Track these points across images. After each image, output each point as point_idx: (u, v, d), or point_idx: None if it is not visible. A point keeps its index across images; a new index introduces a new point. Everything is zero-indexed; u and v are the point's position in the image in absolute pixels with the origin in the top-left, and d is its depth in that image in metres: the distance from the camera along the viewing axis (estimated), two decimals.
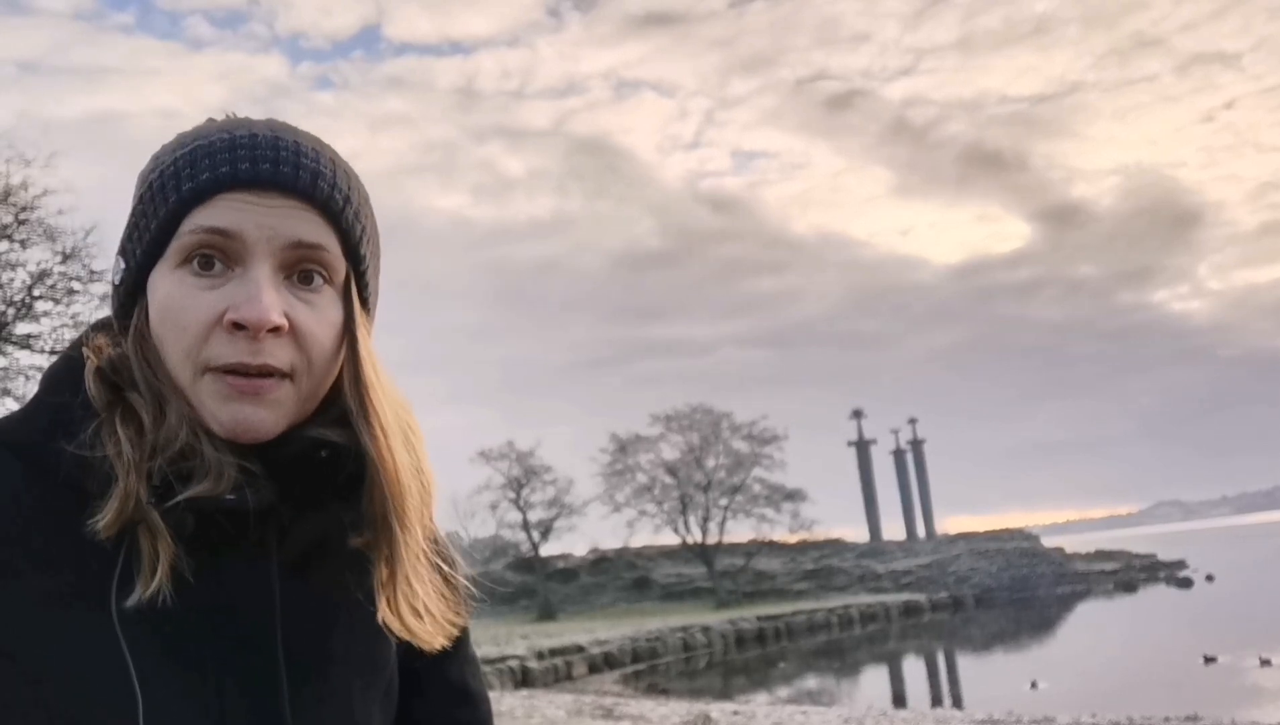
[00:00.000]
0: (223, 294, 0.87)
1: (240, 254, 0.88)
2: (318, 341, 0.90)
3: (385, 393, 0.94)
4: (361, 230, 0.94)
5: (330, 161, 0.93)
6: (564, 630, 36.60)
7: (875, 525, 66.56)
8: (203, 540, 0.86)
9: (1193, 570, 56.00)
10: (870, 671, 28.58)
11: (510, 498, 50.89)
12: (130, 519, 0.84)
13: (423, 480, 0.96)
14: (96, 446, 0.86)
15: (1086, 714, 13.71)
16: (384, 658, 0.99)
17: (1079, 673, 21.20)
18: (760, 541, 53.02)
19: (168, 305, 0.88)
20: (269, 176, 0.88)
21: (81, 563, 0.85)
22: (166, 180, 0.90)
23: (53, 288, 21.60)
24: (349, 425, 0.92)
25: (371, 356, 0.94)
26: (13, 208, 20.97)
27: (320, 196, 0.90)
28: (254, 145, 0.89)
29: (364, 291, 0.96)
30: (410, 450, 0.95)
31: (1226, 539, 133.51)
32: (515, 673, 25.43)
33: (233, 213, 0.87)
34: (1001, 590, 50.89)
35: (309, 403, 0.92)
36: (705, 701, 18.80)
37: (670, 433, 52.47)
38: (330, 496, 0.92)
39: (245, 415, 0.87)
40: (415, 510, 0.94)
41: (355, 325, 0.93)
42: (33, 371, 21.87)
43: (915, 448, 71.25)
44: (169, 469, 0.85)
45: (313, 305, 0.90)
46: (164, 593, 0.83)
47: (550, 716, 15.79)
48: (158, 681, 0.84)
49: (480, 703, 1.11)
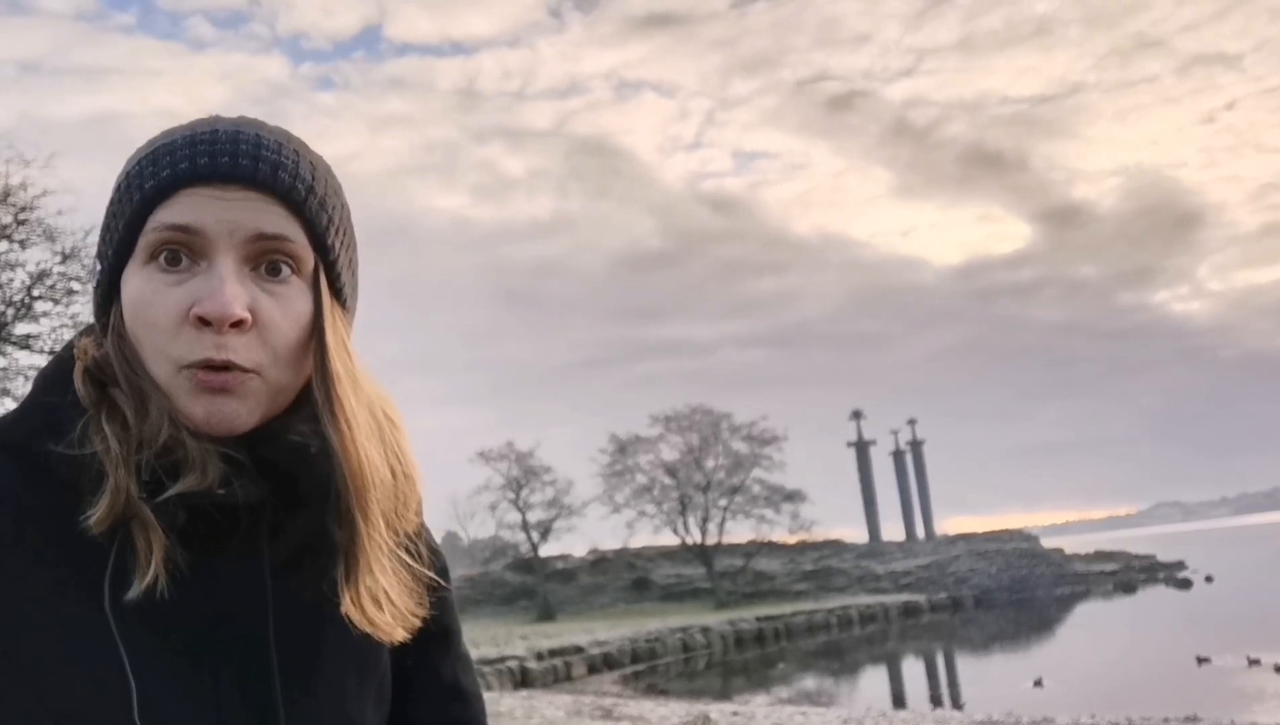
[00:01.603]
0: (188, 289, 0.88)
1: (204, 248, 0.88)
2: (282, 334, 0.90)
3: (354, 384, 0.94)
4: (328, 220, 0.93)
5: (294, 153, 0.93)
6: (563, 631, 36.61)
7: (875, 526, 66.61)
8: (194, 535, 0.87)
9: (1192, 571, 56.11)
10: (869, 672, 28.58)
11: (510, 498, 51.00)
12: (122, 515, 0.85)
13: (403, 472, 0.96)
14: (85, 444, 0.87)
15: (1086, 714, 13.72)
16: (377, 655, 0.99)
17: (1079, 673, 21.19)
18: (760, 542, 53.04)
19: (138, 302, 0.89)
20: (228, 170, 0.89)
21: (76, 559, 0.86)
22: (132, 180, 0.91)
23: (52, 288, 21.59)
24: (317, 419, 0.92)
25: (341, 347, 0.94)
26: (12, 208, 20.95)
27: (281, 187, 0.90)
28: (214, 140, 0.90)
29: (335, 282, 0.95)
30: (382, 442, 0.95)
31: (1226, 540, 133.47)
32: (514, 673, 25.43)
33: (194, 208, 0.88)
34: (1001, 591, 50.91)
35: (282, 395, 0.92)
36: (705, 702, 18.80)
37: (670, 433, 52.59)
38: (318, 494, 0.92)
39: (217, 407, 0.88)
40: (380, 502, 0.93)
41: (323, 317, 0.92)
42: (32, 372, 21.87)
43: (915, 448, 71.28)
44: (156, 463, 0.86)
45: (279, 297, 0.90)
46: (160, 586, 0.84)
47: (549, 717, 15.79)
48: (152, 675, 0.85)
49: (473, 700, 1.11)
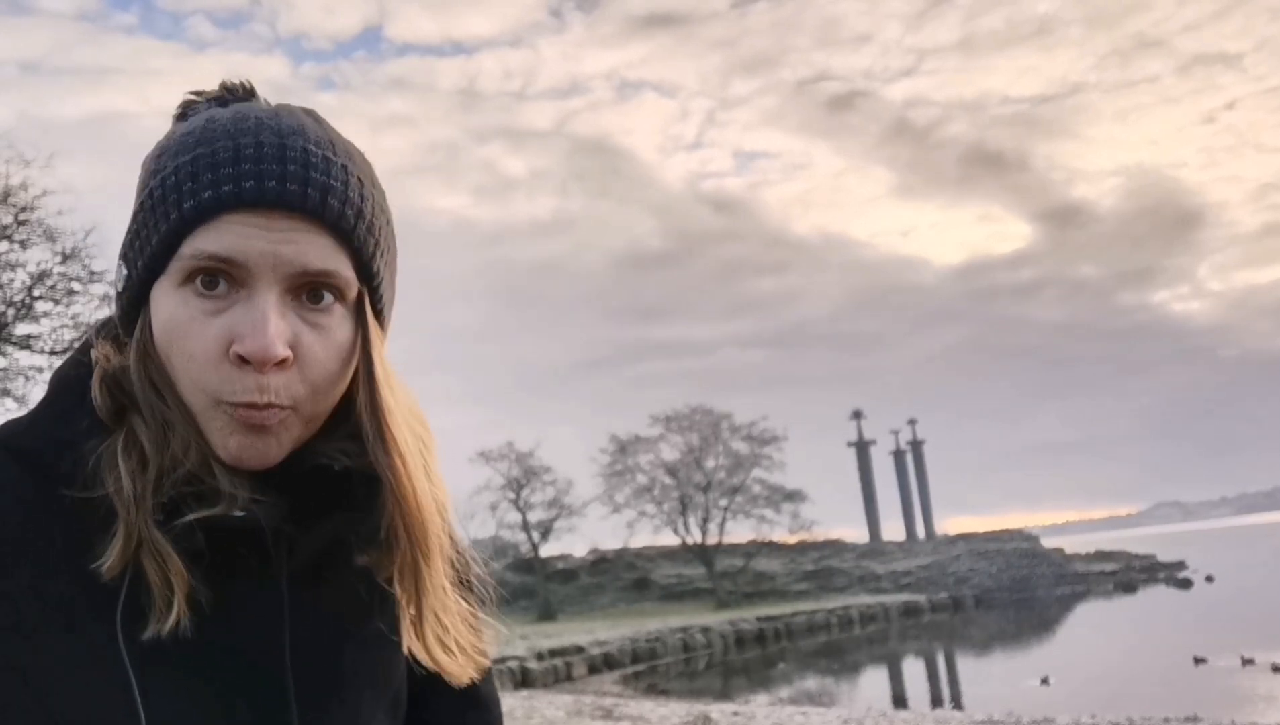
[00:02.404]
0: (228, 321, 0.83)
1: (245, 279, 0.83)
2: (322, 366, 0.86)
3: (403, 415, 0.90)
4: (375, 245, 0.88)
5: (342, 169, 0.86)
6: (563, 631, 36.56)
7: (875, 526, 66.60)
8: (212, 559, 0.84)
9: (1192, 571, 55.99)
10: (870, 672, 28.54)
11: (510, 498, 50.86)
12: (135, 554, 0.82)
13: (439, 499, 0.93)
14: (97, 485, 0.83)
15: (1086, 714, 13.71)
16: (394, 666, 0.98)
17: (1079, 673, 21.17)
18: (760, 542, 52.94)
19: (172, 328, 0.84)
20: (275, 196, 0.82)
21: (88, 577, 0.83)
22: (168, 192, 0.84)
23: (53, 288, 21.61)
24: (359, 439, 0.89)
25: (388, 377, 0.90)
26: (13, 208, 20.98)
27: (331, 216, 0.84)
28: (259, 158, 0.83)
29: (378, 304, 0.90)
30: (430, 474, 0.91)
31: (1226, 540, 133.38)
32: (515, 673, 25.43)
33: (236, 238, 0.82)
34: (1001, 591, 50.83)
35: (313, 424, 0.88)
36: (705, 702, 18.79)
37: (670, 433, 52.44)
38: (339, 509, 0.90)
39: (251, 444, 0.85)
40: (437, 539, 0.91)
41: (370, 347, 0.88)
42: (32, 372, 21.90)
43: (915, 448, 71.28)
44: (176, 492, 0.83)
45: (320, 328, 0.86)
46: (183, 626, 0.82)
47: (550, 717, 15.78)
48: (163, 703, 0.82)
49: (491, 706, 1.10)
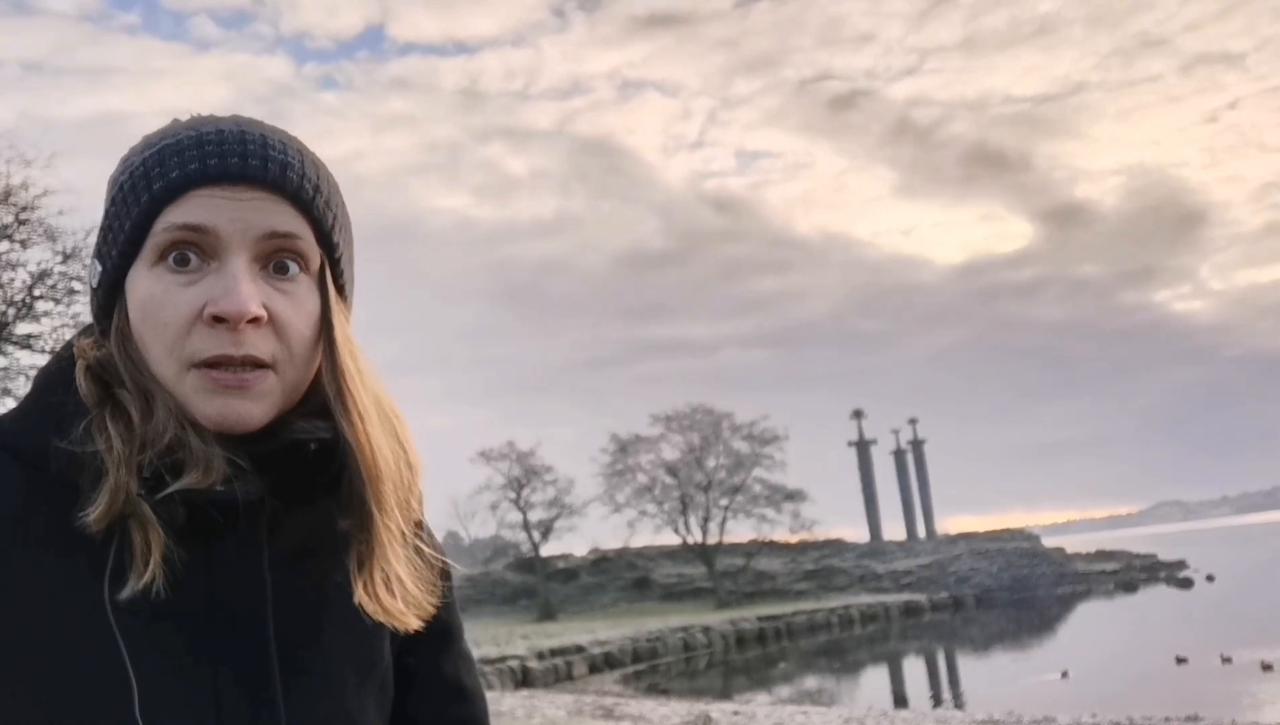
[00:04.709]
0: (201, 289, 0.88)
1: (215, 248, 0.89)
2: (297, 331, 0.91)
3: (363, 378, 0.95)
4: (333, 218, 0.95)
5: (298, 152, 0.94)
6: (564, 630, 36.63)
7: (875, 525, 66.58)
8: (194, 532, 0.88)
9: (1193, 570, 56.07)
10: (871, 672, 28.59)
11: (511, 498, 51.03)
12: (120, 512, 0.86)
13: (408, 461, 0.97)
14: (87, 443, 0.88)
15: (1087, 714, 13.72)
16: (379, 653, 1.00)
17: (1080, 672, 21.19)
18: (760, 542, 53.05)
19: (147, 303, 0.89)
20: (238, 170, 0.90)
21: (76, 556, 0.86)
22: (137, 180, 0.91)
23: (53, 288, 21.62)
24: (330, 414, 0.93)
25: (349, 342, 0.95)
26: (13, 208, 20.98)
27: (290, 187, 0.91)
28: (221, 141, 0.91)
29: (339, 278, 0.97)
30: (391, 434, 0.95)
31: (1227, 539, 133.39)
32: (515, 673, 25.46)
33: (205, 208, 0.89)
34: (1002, 590, 50.91)
35: (293, 393, 0.93)
36: (706, 702, 18.82)
37: (671, 433, 52.63)
38: (321, 491, 0.93)
39: (232, 407, 0.88)
40: (394, 494, 0.94)
41: (331, 312, 0.94)
42: (33, 371, 21.87)
43: (916, 448, 71.26)
44: (159, 462, 0.87)
45: (290, 295, 0.91)
46: (157, 584, 0.84)
47: (550, 716, 15.80)
48: (153, 672, 0.85)
49: (475, 699, 1.11)
